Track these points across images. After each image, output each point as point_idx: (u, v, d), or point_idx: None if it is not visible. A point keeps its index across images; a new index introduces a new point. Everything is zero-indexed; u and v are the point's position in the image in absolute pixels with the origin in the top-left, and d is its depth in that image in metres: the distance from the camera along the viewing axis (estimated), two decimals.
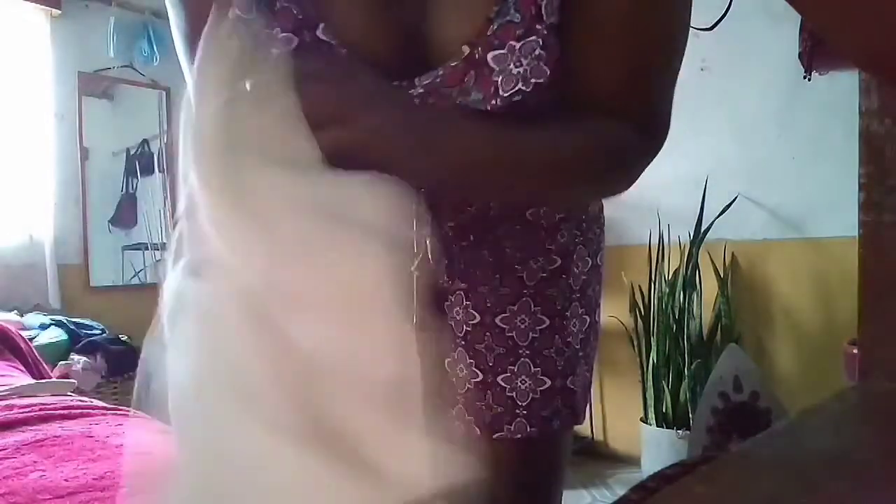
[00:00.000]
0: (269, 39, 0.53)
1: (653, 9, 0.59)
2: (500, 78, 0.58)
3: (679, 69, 0.63)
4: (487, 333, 0.73)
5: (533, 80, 0.58)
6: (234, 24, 0.46)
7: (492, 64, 0.58)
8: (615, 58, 0.59)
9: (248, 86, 0.42)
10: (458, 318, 0.73)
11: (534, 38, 0.57)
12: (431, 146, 0.51)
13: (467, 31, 0.58)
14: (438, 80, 0.59)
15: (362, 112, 0.46)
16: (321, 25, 0.58)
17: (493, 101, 0.59)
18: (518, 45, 0.57)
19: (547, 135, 0.58)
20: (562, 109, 0.61)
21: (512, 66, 0.58)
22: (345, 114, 0.45)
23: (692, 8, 0.63)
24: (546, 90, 0.59)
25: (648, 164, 0.63)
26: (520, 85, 0.58)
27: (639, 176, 0.63)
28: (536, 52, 0.57)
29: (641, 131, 0.61)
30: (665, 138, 0.64)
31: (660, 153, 0.65)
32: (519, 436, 0.74)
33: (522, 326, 0.73)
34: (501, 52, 0.58)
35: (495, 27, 0.58)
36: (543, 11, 0.57)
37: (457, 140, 0.53)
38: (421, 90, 0.60)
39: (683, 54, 0.62)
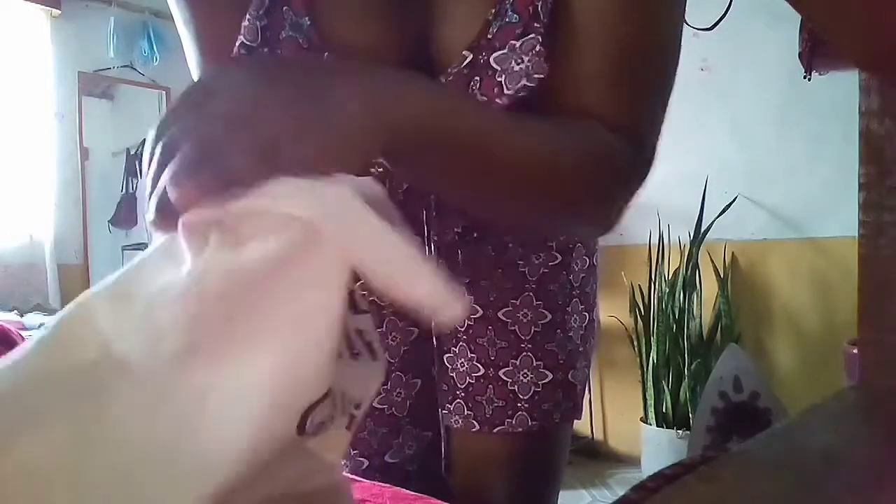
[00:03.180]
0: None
1: (639, 20, 0.58)
2: (504, 77, 0.59)
3: (671, 90, 0.61)
4: (490, 327, 0.73)
5: (536, 76, 0.58)
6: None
7: (494, 65, 0.59)
8: (599, 66, 0.58)
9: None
10: None
11: (532, 35, 0.58)
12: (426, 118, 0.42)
13: (467, 36, 0.59)
14: None
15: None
16: (326, 55, 0.59)
17: (499, 101, 0.59)
18: (518, 44, 0.58)
19: (547, 127, 0.53)
20: (548, 109, 0.59)
21: (513, 63, 0.58)
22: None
23: (688, 15, 0.63)
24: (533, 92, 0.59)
25: (640, 182, 0.59)
26: (524, 81, 0.58)
27: (633, 194, 0.59)
28: (536, 48, 0.58)
29: (628, 142, 0.58)
30: (653, 158, 0.61)
31: (660, 153, 0.64)
32: (520, 429, 0.74)
33: (525, 320, 0.73)
34: (503, 52, 0.58)
35: (495, 30, 0.58)
36: (540, 11, 0.58)
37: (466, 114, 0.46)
38: None
39: (674, 75, 0.60)
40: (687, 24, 0.67)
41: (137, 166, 3.56)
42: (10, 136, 3.10)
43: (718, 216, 2.76)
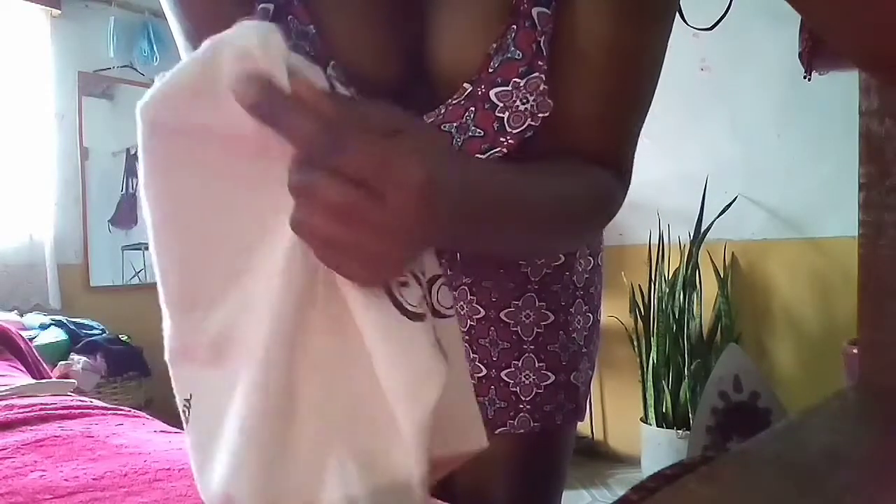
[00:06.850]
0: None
1: (635, 63, 0.59)
2: (507, 115, 0.59)
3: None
4: (492, 328, 0.73)
5: (541, 115, 0.59)
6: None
7: (495, 100, 0.59)
8: (596, 107, 0.59)
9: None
10: (461, 312, 0.73)
11: (537, 74, 0.58)
12: (466, 213, 0.44)
13: (467, 68, 0.59)
14: (441, 117, 0.61)
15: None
16: (331, 63, 0.59)
17: (503, 139, 0.60)
18: (522, 82, 0.58)
19: (555, 190, 0.54)
20: (541, 145, 0.61)
21: (518, 102, 0.59)
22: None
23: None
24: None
25: (621, 204, 0.63)
26: (529, 121, 0.59)
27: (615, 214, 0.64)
28: (541, 87, 0.58)
29: (615, 177, 0.61)
30: (629, 184, 0.64)
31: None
32: (522, 431, 0.74)
33: (527, 321, 0.73)
34: (505, 89, 0.59)
35: (496, 64, 0.58)
36: (543, 48, 0.58)
37: (486, 201, 0.46)
38: None
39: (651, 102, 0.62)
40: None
41: (137, 166, 3.56)
42: (10, 136, 3.10)
43: (718, 216, 2.76)
